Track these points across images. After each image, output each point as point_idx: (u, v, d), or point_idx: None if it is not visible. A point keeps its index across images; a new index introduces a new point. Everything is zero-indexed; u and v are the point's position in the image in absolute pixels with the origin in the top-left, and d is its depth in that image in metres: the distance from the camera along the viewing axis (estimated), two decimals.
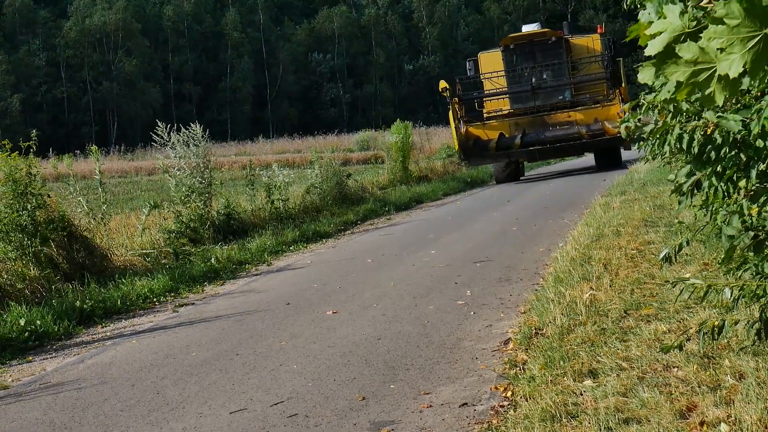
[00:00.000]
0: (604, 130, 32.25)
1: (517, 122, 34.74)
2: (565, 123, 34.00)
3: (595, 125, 32.83)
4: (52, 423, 8.06)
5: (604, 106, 33.57)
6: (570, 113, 34.35)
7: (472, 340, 9.32)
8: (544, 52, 35.97)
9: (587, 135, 32.62)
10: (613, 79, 33.81)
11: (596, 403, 6.30)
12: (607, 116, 32.64)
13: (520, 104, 35.55)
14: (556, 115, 34.49)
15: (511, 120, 35.03)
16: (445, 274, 13.90)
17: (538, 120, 34.47)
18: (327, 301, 12.61)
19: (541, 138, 33.29)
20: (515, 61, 36.40)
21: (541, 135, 33.44)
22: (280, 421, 7.24)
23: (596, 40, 36.61)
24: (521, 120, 34.76)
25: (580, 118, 33.84)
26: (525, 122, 34.61)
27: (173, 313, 13.36)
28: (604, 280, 10.24)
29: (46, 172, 17.86)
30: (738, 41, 2.62)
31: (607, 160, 35.00)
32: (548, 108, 34.89)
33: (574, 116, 34.10)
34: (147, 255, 17.37)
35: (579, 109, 34.32)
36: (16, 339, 11.79)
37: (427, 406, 7.20)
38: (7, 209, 15.12)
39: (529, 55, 36.22)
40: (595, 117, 33.35)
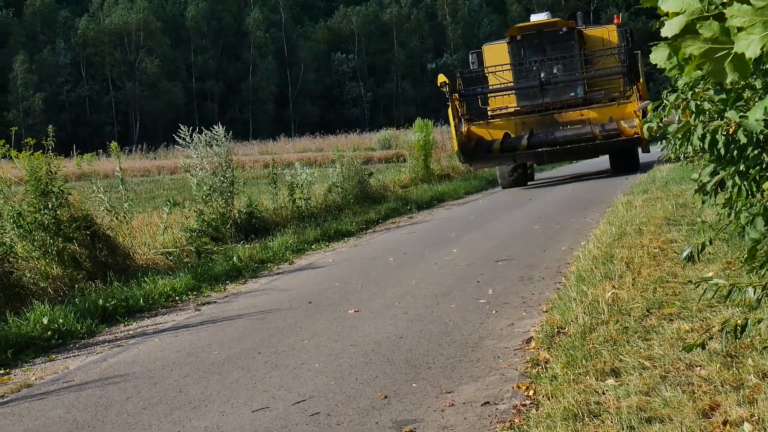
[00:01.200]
0: (620, 130, 29.51)
1: (524, 121, 31.74)
2: (577, 122, 30.95)
3: (610, 125, 29.90)
4: (75, 421, 8.09)
5: (620, 103, 30.73)
6: (582, 111, 31.27)
7: (495, 339, 9.31)
8: (555, 44, 32.74)
9: (601, 136, 29.66)
10: (630, 74, 30.72)
11: (619, 402, 6.28)
12: (624, 115, 29.95)
13: (527, 101, 32.58)
14: (567, 114, 31.44)
15: (517, 119, 32.04)
16: (467, 272, 13.88)
17: (548, 119, 31.50)
18: (349, 300, 12.61)
19: (550, 139, 30.27)
20: (522, 54, 33.18)
21: (550, 135, 30.40)
22: (302, 420, 7.24)
23: (612, 31, 33.65)
24: (528, 119, 31.77)
25: (594, 116, 30.85)
26: (533, 121, 31.60)
27: (195, 311, 13.38)
28: (626, 279, 10.22)
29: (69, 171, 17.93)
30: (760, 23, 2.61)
31: (623, 162, 32.61)
32: (558, 106, 31.82)
33: (587, 115, 31.08)
34: (169, 254, 17.41)
35: (593, 107, 31.33)
36: (40, 337, 11.83)
37: (449, 404, 7.19)
38: (30, 208, 15.17)
39: (538, 48, 32.98)
40: (611, 116, 30.40)
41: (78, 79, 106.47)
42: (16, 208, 15.17)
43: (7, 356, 11.09)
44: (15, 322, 12.16)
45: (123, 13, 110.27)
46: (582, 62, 32.68)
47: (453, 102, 30.41)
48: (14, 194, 15.53)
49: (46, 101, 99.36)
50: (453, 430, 6.61)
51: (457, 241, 17.99)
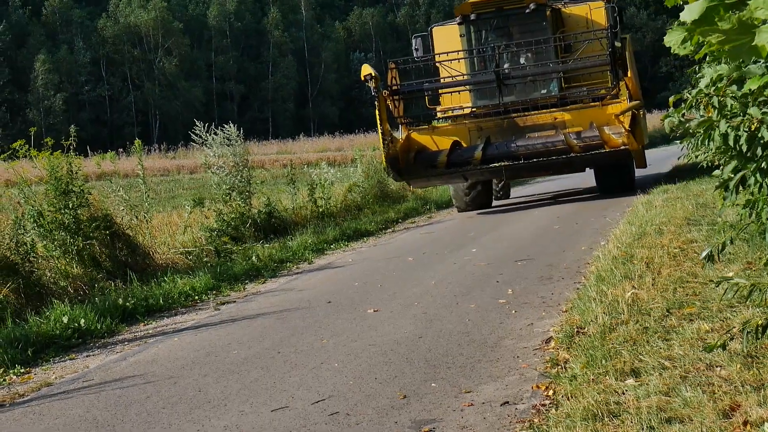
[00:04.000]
0: (603, 139, 22.19)
1: (479, 126, 24.30)
2: (547, 128, 23.62)
3: (590, 132, 22.49)
4: (95, 420, 8.11)
5: (604, 104, 23.23)
6: (555, 114, 23.68)
7: (514, 339, 9.30)
8: (522, 26, 25.00)
9: (578, 146, 22.36)
10: (615, 64, 22.72)
11: (638, 403, 6.26)
12: (608, 120, 22.59)
13: (485, 100, 24.85)
14: (534, 117, 23.85)
15: (471, 123, 24.61)
16: (487, 272, 13.87)
17: (509, 123, 23.99)
18: (368, 300, 12.61)
19: (510, 149, 22.92)
20: (481, 38, 25.45)
21: (511, 145, 23.02)
22: (322, 419, 7.24)
23: (597, 9, 25.47)
24: (486, 123, 24.30)
25: (570, 121, 23.37)
26: (491, 126, 24.17)
27: (215, 311, 13.40)
28: (646, 279, 10.19)
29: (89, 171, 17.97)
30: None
31: (612, 180, 24.80)
32: (521, 107, 24.13)
33: (561, 118, 23.53)
34: (189, 253, 17.44)
35: (568, 109, 23.71)
36: (60, 336, 11.86)
37: (469, 404, 7.18)
38: (50, 207, 15.22)
39: (501, 30, 25.51)
40: (592, 120, 22.89)
41: (98, 78, 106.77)
42: (37, 207, 15.22)
43: (28, 355, 11.12)
44: (35, 321, 12.20)
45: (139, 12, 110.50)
46: (559, 49, 24.64)
47: (381, 101, 23.05)
48: (35, 194, 15.58)
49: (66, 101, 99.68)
50: (472, 429, 6.60)
51: (477, 241, 17.98)
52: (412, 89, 25.10)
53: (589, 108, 23.55)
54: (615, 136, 21.96)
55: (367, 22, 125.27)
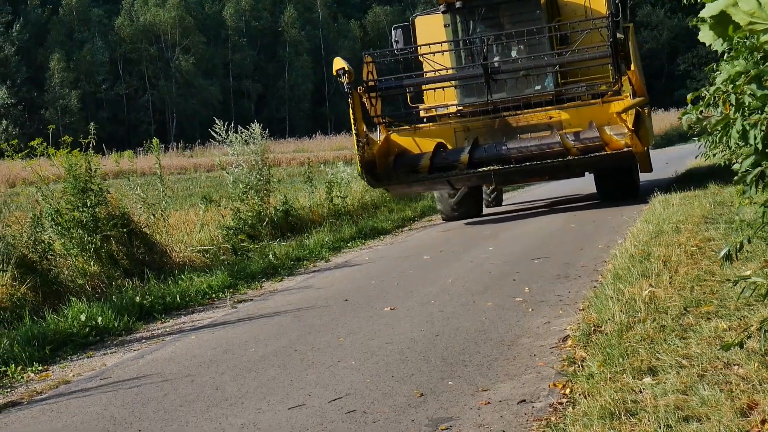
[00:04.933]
0: (604, 140, 20.14)
1: (466, 126, 22.04)
2: (541, 128, 21.39)
3: (590, 132, 20.37)
4: (113, 418, 8.13)
5: (605, 101, 21.06)
6: (551, 113, 21.44)
7: (531, 337, 9.29)
8: (514, 15, 22.66)
9: (576, 148, 20.30)
10: (617, 56, 20.06)
11: (656, 401, 6.25)
12: (610, 119, 20.40)
13: (472, 97, 22.46)
14: (528, 116, 21.59)
15: (457, 123, 22.31)
16: (503, 270, 13.86)
17: (500, 123, 21.77)
18: (385, 298, 12.61)
19: (500, 152, 20.80)
20: (468, 29, 22.94)
21: (501, 148, 20.88)
22: (338, 417, 7.25)
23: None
24: (473, 123, 22.05)
25: (567, 120, 21.24)
26: (479, 127, 21.93)
27: (232, 309, 13.42)
28: (663, 277, 10.16)
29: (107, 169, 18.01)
30: None
31: (613, 185, 22.86)
32: (515, 104, 21.88)
33: (557, 117, 21.34)
34: (206, 251, 17.47)
35: (565, 107, 21.52)
36: (77, 334, 11.90)
37: (486, 402, 7.18)
38: (68, 206, 15.26)
39: (490, 20, 23.06)
40: (591, 119, 20.73)
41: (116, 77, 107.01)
42: (55, 206, 15.26)
43: (46, 353, 11.16)
44: (53, 319, 12.24)
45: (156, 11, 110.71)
46: (555, 40, 22.23)
47: (355, 98, 20.72)
48: (52, 192, 15.63)
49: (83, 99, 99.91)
50: (489, 428, 6.60)
51: (493, 239, 17.97)
52: (390, 85, 22.26)
53: (588, 106, 21.35)
54: (617, 137, 19.98)
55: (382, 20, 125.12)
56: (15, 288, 13.08)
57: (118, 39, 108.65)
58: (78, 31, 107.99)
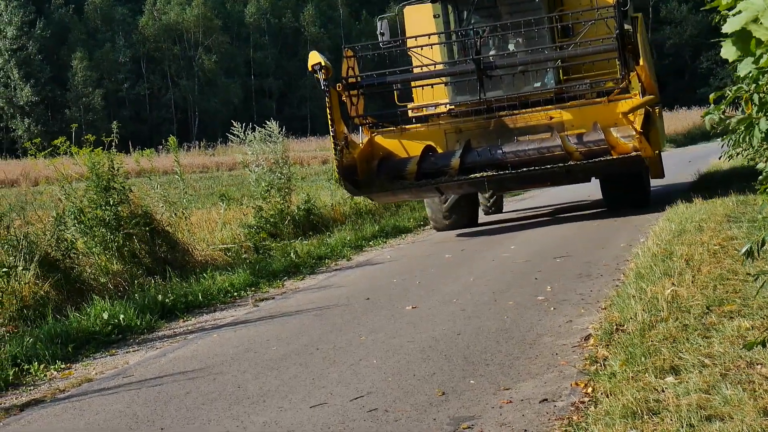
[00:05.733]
0: (610, 143, 18.07)
1: (458, 128, 19.85)
2: (541, 129, 19.20)
3: (594, 134, 18.29)
4: (135, 416, 8.15)
5: (611, 100, 18.80)
6: (551, 113, 19.25)
7: (553, 336, 9.28)
8: (512, 4, 20.57)
9: (579, 152, 18.19)
10: (624, 50, 17.67)
11: (678, 400, 6.24)
12: (617, 119, 18.29)
13: (465, 96, 20.17)
14: (525, 116, 19.40)
15: (447, 124, 20.11)
16: (525, 269, 13.84)
17: (495, 124, 19.58)
18: (406, 296, 12.61)
19: (495, 156, 18.65)
20: (461, 20, 20.76)
21: (495, 151, 18.74)
22: (360, 416, 7.26)
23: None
24: (466, 124, 19.86)
25: (569, 121, 19.08)
26: (471, 128, 19.74)
27: (254, 307, 13.44)
28: (686, 276, 10.14)
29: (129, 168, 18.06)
30: None
31: (622, 193, 20.75)
32: (510, 103, 19.45)
33: (558, 118, 19.16)
34: (228, 250, 17.49)
35: (568, 106, 19.33)
36: (100, 332, 11.94)
37: (507, 401, 7.18)
38: (91, 204, 15.31)
39: (485, 10, 20.98)
40: (596, 120, 18.57)
41: (138, 75, 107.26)
42: (77, 204, 15.31)
43: (68, 351, 11.19)
44: (76, 317, 12.28)
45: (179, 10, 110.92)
46: (556, 33, 20.16)
47: (333, 97, 18.57)
48: (75, 191, 15.68)
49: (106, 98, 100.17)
50: (511, 427, 6.60)
51: (515, 238, 17.94)
52: (371, 82, 20.31)
53: (592, 105, 19.18)
54: (624, 140, 17.94)
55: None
56: (38, 286, 13.12)
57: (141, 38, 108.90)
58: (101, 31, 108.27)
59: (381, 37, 21.06)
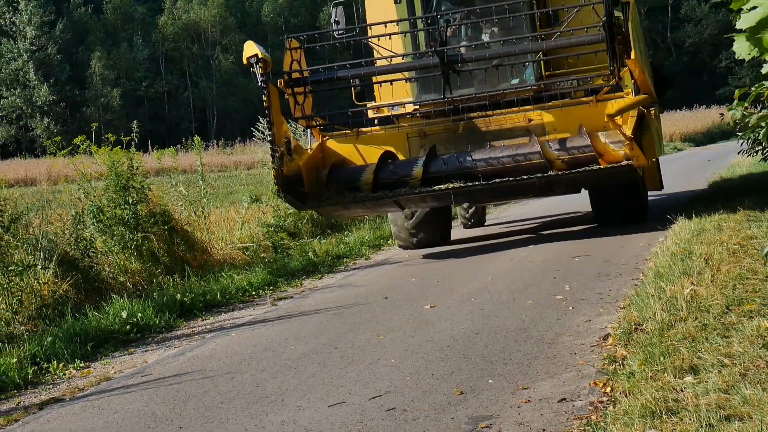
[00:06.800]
0: (597, 150, 15.40)
1: (422, 131, 17.26)
2: (518, 133, 16.56)
3: (579, 140, 15.64)
4: (154, 414, 8.17)
5: (599, 100, 16.07)
6: (531, 114, 16.60)
7: (571, 335, 9.27)
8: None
9: (561, 161, 15.57)
10: (612, 41, 14.59)
11: (697, 400, 6.22)
12: (606, 123, 15.54)
13: (432, 93, 17.18)
14: (501, 118, 16.73)
15: (410, 127, 17.50)
16: (543, 268, 13.82)
17: (464, 128, 16.96)
18: (425, 296, 12.60)
19: (464, 165, 15.99)
20: (429, 6, 17.72)
21: (464, 158, 16.05)
22: (378, 415, 7.25)
23: None
24: (432, 127, 17.17)
25: (551, 124, 16.46)
26: (439, 131, 17.13)
27: (272, 306, 13.45)
28: (705, 276, 10.10)
29: (148, 166, 18.09)
30: None
31: (614, 207, 17.91)
32: (479, 102, 16.77)
33: (538, 120, 16.55)
34: (246, 249, 17.51)
35: (550, 107, 16.55)
36: (119, 331, 11.96)
37: (526, 401, 7.17)
38: (110, 203, 15.34)
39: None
40: (581, 123, 15.91)
41: (156, 74, 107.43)
42: (96, 203, 15.35)
43: (87, 350, 11.23)
44: (95, 316, 12.30)
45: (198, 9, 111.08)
46: (537, 21, 17.16)
47: (272, 95, 15.92)
48: (94, 189, 15.72)
49: (124, 97, 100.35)
50: (529, 426, 6.59)
51: (533, 237, 17.90)
52: (318, 78, 17.65)
53: (576, 105, 16.46)
54: (614, 147, 15.36)
55: None
56: (57, 285, 13.16)
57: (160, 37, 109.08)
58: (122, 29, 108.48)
59: (335, 26, 18.61)
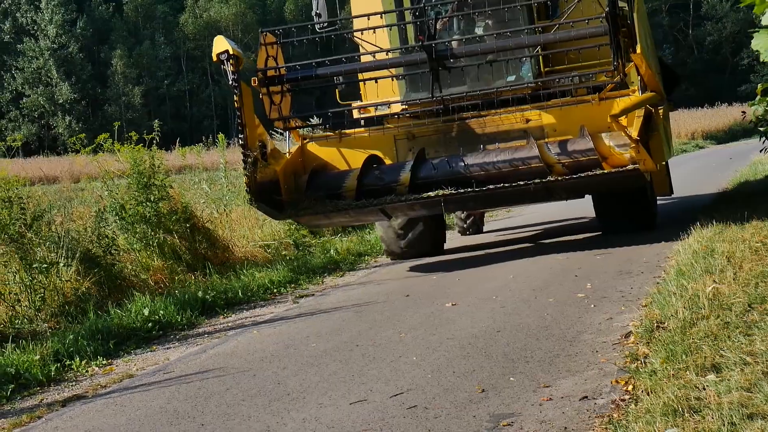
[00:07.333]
0: (601, 153, 14.12)
1: (411, 133, 15.80)
2: (515, 135, 15.25)
3: (581, 142, 14.37)
4: (176, 411, 8.19)
5: (603, 98, 14.76)
6: (529, 114, 15.29)
7: (593, 333, 9.25)
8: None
9: (562, 165, 14.29)
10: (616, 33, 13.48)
11: (719, 398, 6.20)
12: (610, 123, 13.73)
13: (422, 92, 15.69)
14: (496, 119, 15.36)
15: (398, 128, 16.01)
16: (565, 266, 13.79)
17: (459, 129, 15.60)
18: (446, 293, 12.59)
19: (455, 170, 14.69)
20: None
21: (456, 163, 14.77)
22: (400, 413, 7.25)
23: None
24: (421, 129, 15.77)
25: (551, 125, 15.17)
26: (429, 133, 15.73)
27: (293, 304, 13.47)
28: (727, 274, 10.06)
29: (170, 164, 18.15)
30: None
31: (619, 212, 16.35)
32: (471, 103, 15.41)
33: (537, 121, 15.24)
34: (267, 246, 17.53)
35: (550, 106, 15.24)
36: (141, 329, 12.00)
37: (547, 399, 7.16)
38: (132, 200, 15.39)
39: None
40: (583, 124, 14.60)
41: (178, 72, 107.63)
42: (119, 200, 15.40)
43: (109, 347, 11.27)
44: (117, 313, 12.34)
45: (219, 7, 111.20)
46: (535, 13, 15.86)
47: (245, 95, 14.95)
48: (116, 187, 15.77)
49: (146, 95, 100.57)
50: (551, 424, 6.58)
51: (555, 234, 17.87)
52: (294, 76, 16.05)
53: (580, 104, 15.15)
54: (619, 150, 14.07)
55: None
56: (79, 282, 13.21)
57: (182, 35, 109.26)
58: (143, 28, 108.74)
59: (317, 18, 16.69)
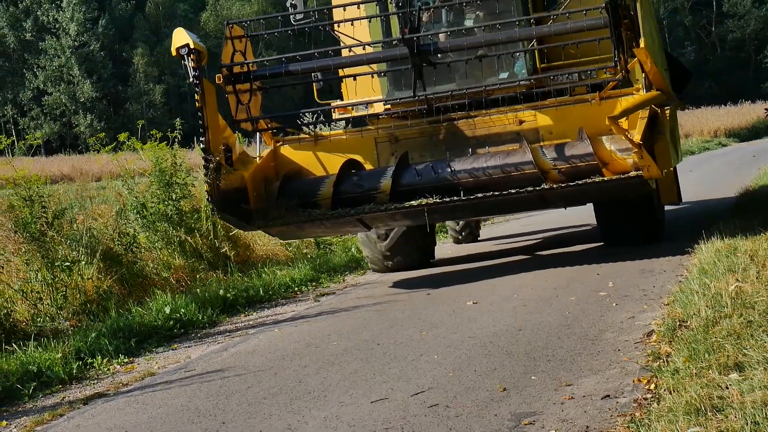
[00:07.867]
0: (601, 159, 12.76)
1: (394, 135, 14.48)
2: (507, 138, 13.98)
3: (579, 147, 12.98)
4: (197, 410, 8.19)
5: (603, 97, 13.43)
6: (523, 115, 13.98)
7: (615, 332, 9.22)
8: None
9: (558, 171, 12.91)
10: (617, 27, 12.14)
11: (742, 397, 6.16)
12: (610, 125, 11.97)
13: (403, 90, 14.40)
14: (487, 120, 14.03)
15: (379, 131, 14.63)
16: (587, 264, 13.75)
17: (447, 131, 14.29)
18: (467, 292, 12.58)
19: (442, 177, 13.25)
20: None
21: (443, 169, 13.32)
22: (421, 411, 7.24)
23: None
24: (404, 131, 14.40)
25: (547, 127, 13.88)
26: (413, 135, 14.39)
27: (314, 302, 13.47)
28: (750, 272, 10.00)
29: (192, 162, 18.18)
30: None
31: (622, 221, 14.94)
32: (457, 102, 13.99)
33: (532, 122, 13.94)
34: (288, 245, 17.54)
35: (545, 106, 13.88)
36: (162, 327, 12.01)
37: (569, 397, 7.14)
38: (153, 199, 15.42)
39: None
40: (582, 126, 13.25)
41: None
42: (140, 199, 15.43)
43: (131, 345, 11.28)
44: (138, 311, 12.36)
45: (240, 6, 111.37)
46: (531, 5, 14.54)
47: (208, 92, 13.71)
48: (138, 185, 15.81)
49: (167, 94, 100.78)
50: (573, 423, 6.56)
51: (576, 231, 17.84)
52: (262, 73, 14.58)
53: (578, 104, 13.67)
54: (621, 154, 12.75)
55: None
56: (101, 280, 13.24)
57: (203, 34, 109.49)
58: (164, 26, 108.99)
59: (292, 9, 15.37)
